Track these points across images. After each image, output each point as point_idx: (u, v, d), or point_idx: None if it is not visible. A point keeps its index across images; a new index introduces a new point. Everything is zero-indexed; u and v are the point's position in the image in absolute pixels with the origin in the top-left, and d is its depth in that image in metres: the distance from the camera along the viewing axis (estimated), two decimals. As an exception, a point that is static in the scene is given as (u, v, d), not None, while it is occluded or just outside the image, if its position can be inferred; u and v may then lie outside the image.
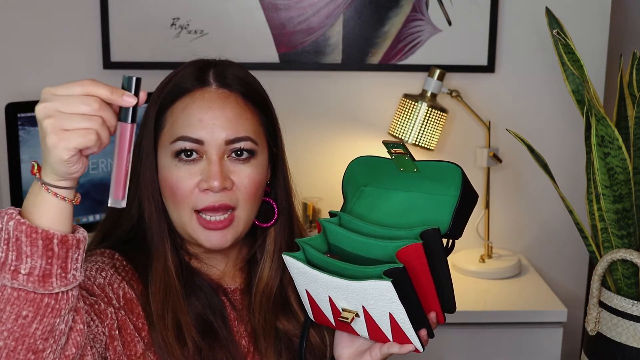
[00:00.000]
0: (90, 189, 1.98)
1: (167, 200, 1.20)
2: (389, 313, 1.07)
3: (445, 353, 2.08)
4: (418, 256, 1.07)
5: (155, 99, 1.21)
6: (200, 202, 1.17)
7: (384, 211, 1.19)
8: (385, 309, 1.07)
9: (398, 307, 1.05)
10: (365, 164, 1.22)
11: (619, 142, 1.49)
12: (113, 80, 2.52)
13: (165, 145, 1.19)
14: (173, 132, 1.18)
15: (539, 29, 2.24)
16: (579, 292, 2.46)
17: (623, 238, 1.54)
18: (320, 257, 1.12)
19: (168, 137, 1.18)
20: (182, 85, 1.20)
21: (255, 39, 2.27)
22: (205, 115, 1.17)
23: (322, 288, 1.11)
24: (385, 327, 1.10)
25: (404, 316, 1.06)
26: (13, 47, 2.24)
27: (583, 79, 1.56)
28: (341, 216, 1.17)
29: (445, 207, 1.13)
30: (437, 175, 1.14)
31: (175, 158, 1.17)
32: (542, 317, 2.08)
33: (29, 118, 1.87)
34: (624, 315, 1.50)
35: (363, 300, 1.08)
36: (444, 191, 1.14)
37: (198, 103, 1.18)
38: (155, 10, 2.24)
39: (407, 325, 1.08)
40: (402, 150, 1.13)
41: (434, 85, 2.21)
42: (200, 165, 1.17)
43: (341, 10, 2.27)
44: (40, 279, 0.92)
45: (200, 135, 1.16)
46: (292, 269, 1.13)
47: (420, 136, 2.20)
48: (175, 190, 1.18)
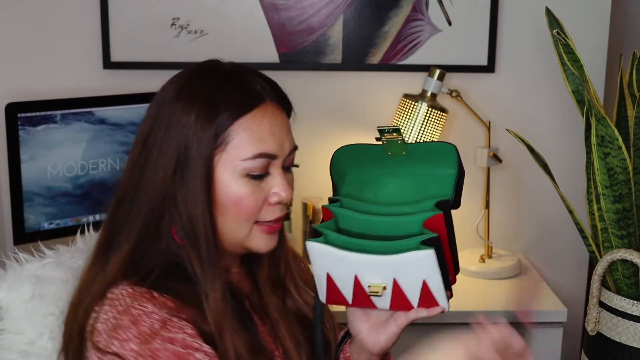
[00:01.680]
0: (90, 189, 1.98)
1: (225, 215, 1.18)
2: (423, 280, 1.13)
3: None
4: (440, 225, 1.15)
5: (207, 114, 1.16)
6: (269, 215, 1.20)
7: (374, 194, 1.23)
8: (419, 278, 1.13)
9: (435, 273, 1.13)
10: (347, 151, 1.25)
11: (619, 142, 1.49)
12: (113, 80, 2.54)
13: (231, 161, 1.16)
14: (245, 149, 1.16)
15: (539, 29, 2.24)
16: (579, 292, 2.46)
17: (623, 238, 1.54)
18: (342, 239, 1.16)
19: (236, 153, 1.16)
20: (243, 101, 1.18)
21: (255, 39, 2.27)
22: (274, 129, 1.18)
23: (349, 268, 1.15)
24: (413, 295, 1.16)
25: (439, 281, 1.14)
26: (13, 47, 2.24)
27: (583, 79, 1.56)
28: (342, 200, 1.21)
29: (445, 182, 1.19)
30: (429, 155, 1.20)
31: (245, 175, 1.16)
32: (542, 317, 2.07)
33: (29, 118, 1.88)
34: (624, 315, 1.50)
35: (396, 272, 1.14)
36: (440, 169, 1.20)
37: (267, 118, 1.18)
38: (155, 10, 2.24)
39: (439, 289, 1.15)
40: (396, 134, 1.19)
41: (434, 85, 2.21)
42: (267, 180, 1.19)
43: (341, 10, 2.27)
44: None
45: (275, 150, 1.18)
46: (316, 254, 1.17)
47: (420, 136, 2.20)
48: (242, 206, 1.17)
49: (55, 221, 1.95)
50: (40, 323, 1.27)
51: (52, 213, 1.93)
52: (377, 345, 1.22)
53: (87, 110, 1.96)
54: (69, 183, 1.95)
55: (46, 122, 1.90)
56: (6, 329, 1.27)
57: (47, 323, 1.27)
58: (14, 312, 1.27)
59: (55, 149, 1.92)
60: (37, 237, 1.85)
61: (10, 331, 1.27)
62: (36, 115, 1.88)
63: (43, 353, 1.26)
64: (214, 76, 1.20)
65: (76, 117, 1.94)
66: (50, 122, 1.90)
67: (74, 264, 1.33)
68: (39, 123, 1.89)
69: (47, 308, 1.27)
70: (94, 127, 1.97)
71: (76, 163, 1.96)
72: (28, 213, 1.90)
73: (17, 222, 1.89)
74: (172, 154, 1.15)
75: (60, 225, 1.95)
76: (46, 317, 1.27)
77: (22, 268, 1.31)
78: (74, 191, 1.96)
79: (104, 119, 1.98)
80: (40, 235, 1.87)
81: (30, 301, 1.27)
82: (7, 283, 1.28)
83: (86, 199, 1.98)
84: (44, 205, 1.92)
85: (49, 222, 1.94)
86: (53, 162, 1.92)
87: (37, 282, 1.28)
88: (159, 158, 1.16)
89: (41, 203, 1.91)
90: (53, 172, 1.92)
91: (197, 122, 1.15)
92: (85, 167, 1.97)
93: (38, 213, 1.91)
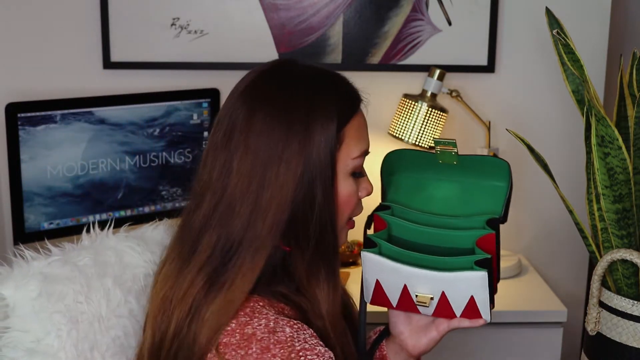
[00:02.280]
0: (90, 189, 1.98)
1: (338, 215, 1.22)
2: (471, 296, 1.18)
3: (445, 353, 2.07)
4: (491, 245, 1.20)
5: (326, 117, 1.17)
6: (359, 209, 1.26)
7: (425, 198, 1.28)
8: (468, 293, 1.17)
9: (484, 292, 1.17)
10: (399, 154, 1.30)
11: (619, 142, 1.49)
12: (113, 80, 2.53)
13: (344, 160, 1.20)
14: (355, 147, 1.21)
15: (539, 29, 2.24)
16: (579, 292, 2.46)
17: (623, 238, 1.54)
18: (396, 250, 1.21)
19: (347, 152, 1.20)
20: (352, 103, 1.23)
21: (255, 39, 2.27)
22: (366, 127, 1.25)
23: (399, 278, 1.20)
24: (458, 307, 1.20)
25: (487, 298, 1.18)
26: (13, 47, 2.24)
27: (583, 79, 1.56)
28: (394, 208, 1.26)
29: (497, 197, 1.24)
30: (480, 166, 1.24)
31: (350, 172, 1.21)
32: (542, 317, 2.08)
33: (29, 118, 1.88)
34: (624, 315, 1.50)
35: (446, 287, 1.18)
36: (491, 181, 1.24)
37: (364, 117, 1.25)
38: (155, 10, 2.24)
39: (485, 305, 1.19)
40: (452, 146, 1.22)
41: (434, 85, 2.21)
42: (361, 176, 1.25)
43: (341, 10, 2.27)
44: None
45: (369, 147, 1.25)
46: (369, 262, 1.22)
47: (420, 136, 2.20)
48: (350, 203, 1.22)
49: (55, 221, 1.95)
50: (47, 321, 1.26)
51: (52, 213, 1.93)
52: (417, 348, 1.27)
53: (87, 110, 1.96)
54: (69, 183, 1.95)
55: (46, 122, 1.90)
56: (12, 327, 1.26)
57: (54, 321, 1.27)
58: (20, 310, 1.26)
59: (55, 149, 1.92)
60: (37, 237, 1.85)
61: (16, 329, 1.26)
62: (36, 115, 1.88)
63: (49, 351, 1.26)
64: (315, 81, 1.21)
65: (76, 117, 1.94)
66: (50, 122, 1.90)
67: (80, 262, 1.33)
68: (39, 123, 1.89)
69: (54, 306, 1.27)
70: (94, 127, 1.97)
71: (76, 163, 1.96)
72: (28, 213, 1.90)
73: (17, 222, 1.89)
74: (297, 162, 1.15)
75: (60, 225, 1.95)
76: (52, 315, 1.27)
77: (29, 266, 1.30)
78: (74, 191, 1.96)
79: (104, 119, 1.98)
80: (40, 235, 1.87)
81: (37, 299, 1.26)
82: (13, 281, 1.27)
83: (86, 199, 1.98)
84: (44, 205, 1.92)
85: (49, 222, 1.94)
86: (53, 162, 1.92)
87: (43, 279, 1.27)
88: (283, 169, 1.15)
89: (41, 203, 1.92)
90: (53, 172, 1.92)
91: (319, 129, 1.16)
92: (85, 167, 1.97)
93: (38, 213, 1.91)
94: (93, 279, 1.30)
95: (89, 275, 1.31)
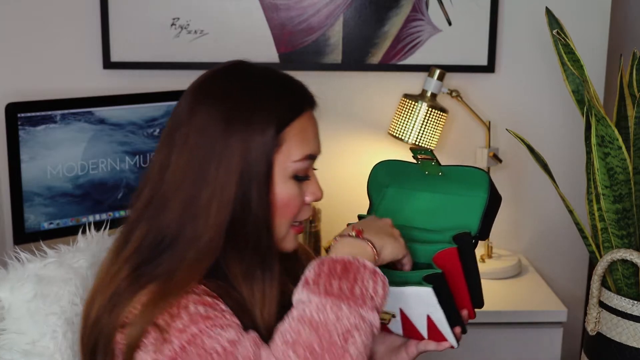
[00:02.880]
0: (90, 189, 1.98)
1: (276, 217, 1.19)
2: (427, 315, 1.13)
3: (445, 353, 2.07)
4: (453, 259, 1.14)
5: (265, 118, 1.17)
6: (304, 214, 1.24)
7: (410, 211, 1.24)
8: (423, 312, 1.13)
9: (437, 310, 1.12)
10: (388, 166, 1.27)
11: (619, 142, 1.49)
12: (113, 80, 2.53)
13: (284, 162, 1.18)
14: (296, 150, 1.19)
15: (539, 29, 2.24)
16: (579, 292, 2.46)
17: (623, 238, 1.54)
18: None
19: (287, 155, 1.18)
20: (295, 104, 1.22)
21: (255, 39, 2.27)
22: (316, 131, 1.24)
23: None
24: (421, 327, 1.16)
25: (442, 318, 1.13)
26: (13, 47, 2.24)
27: (583, 79, 1.56)
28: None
29: (474, 210, 1.18)
30: (463, 178, 1.19)
31: (293, 177, 1.19)
32: (542, 317, 2.08)
33: (29, 118, 1.87)
34: (624, 315, 1.50)
35: (401, 303, 1.14)
36: (471, 193, 1.19)
37: (312, 120, 1.24)
38: (155, 10, 2.24)
39: (444, 326, 1.14)
40: (429, 156, 1.18)
41: (434, 85, 2.21)
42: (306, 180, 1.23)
43: (341, 10, 2.27)
44: None
45: (317, 151, 1.24)
46: None
47: (420, 136, 2.20)
48: (290, 207, 1.20)
49: (55, 221, 1.94)
50: (42, 323, 1.26)
51: (52, 213, 1.93)
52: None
53: (87, 110, 1.96)
54: (69, 183, 1.95)
55: (46, 122, 1.90)
56: (8, 328, 1.27)
57: (49, 323, 1.27)
58: (16, 312, 1.27)
59: (55, 149, 1.92)
60: (37, 237, 1.85)
61: (12, 331, 1.26)
62: (36, 115, 1.88)
63: (45, 353, 1.26)
64: (259, 81, 1.21)
65: (76, 117, 1.94)
66: (50, 122, 1.90)
67: (76, 264, 1.33)
68: (39, 123, 1.89)
69: (49, 308, 1.27)
70: (94, 127, 1.97)
71: (76, 163, 1.95)
72: (28, 213, 1.90)
73: (17, 222, 1.89)
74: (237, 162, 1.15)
75: (60, 225, 1.95)
76: (48, 317, 1.27)
77: (24, 268, 1.31)
78: (74, 191, 1.96)
79: (104, 119, 1.98)
80: (40, 235, 1.87)
81: (32, 301, 1.26)
82: (8, 283, 1.28)
83: (86, 199, 1.98)
84: (44, 205, 1.92)
85: (49, 222, 1.94)
86: (53, 162, 1.92)
87: (38, 281, 1.28)
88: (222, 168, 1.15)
89: (41, 203, 1.91)
90: (53, 172, 1.92)
91: (257, 129, 1.16)
92: (85, 167, 1.97)
93: (38, 213, 1.91)
94: (88, 280, 1.30)
95: (84, 276, 1.31)
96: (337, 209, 2.29)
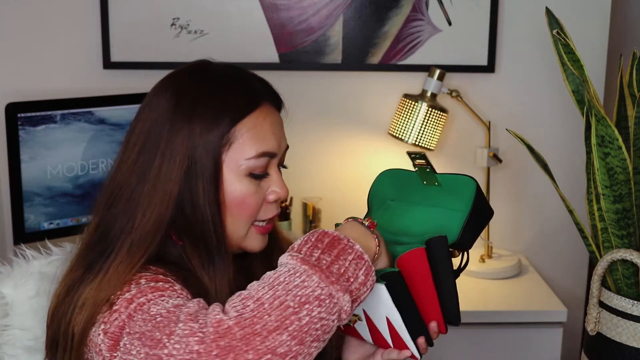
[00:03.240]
0: (90, 189, 1.98)
1: (228, 214, 1.18)
2: (386, 317, 1.08)
3: (445, 353, 2.07)
4: (420, 262, 1.09)
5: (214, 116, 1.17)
6: (267, 213, 1.21)
7: (403, 224, 1.21)
8: (382, 313, 1.08)
9: (393, 311, 1.07)
10: (393, 176, 1.24)
11: (619, 142, 1.49)
12: (113, 80, 2.52)
13: (235, 160, 1.17)
14: (248, 148, 1.17)
15: (539, 29, 2.24)
16: (579, 292, 2.46)
17: (623, 238, 1.54)
18: None
19: (239, 152, 1.17)
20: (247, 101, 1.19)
21: (255, 39, 2.27)
22: (274, 128, 1.20)
23: None
24: (384, 332, 1.11)
25: (399, 321, 1.08)
26: (13, 47, 2.24)
27: (583, 79, 1.56)
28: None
29: (457, 218, 1.15)
30: (452, 187, 1.16)
31: (248, 175, 1.18)
32: (542, 317, 2.08)
33: (29, 118, 1.88)
34: (624, 315, 1.50)
35: (363, 303, 1.09)
36: (458, 204, 1.16)
37: (268, 118, 1.20)
38: (155, 10, 2.24)
39: (403, 331, 1.09)
40: (423, 161, 1.15)
41: (434, 85, 2.21)
42: (266, 178, 1.20)
43: (341, 10, 2.27)
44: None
45: (275, 149, 1.19)
46: None
47: (420, 136, 2.20)
48: (244, 205, 1.18)
49: (55, 221, 1.94)
50: (45, 320, 1.27)
51: (52, 213, 1.93)
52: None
53: (87, 110, 1.96)
54: (69, 183, 1.95)
55: (46, 122, 1.90)
56: (11, 324, 1.28)
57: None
58: (19, 309, 1.28)
59: (55, 149, 1.92)
60: (37, 237, 1.85)
61: (16, 327, 1.28)
62: (36, 115, 1.88)
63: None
64: (212, 78, 1.20)
65: (76, 117, 1.94)
66: (50, 122, 1.90)
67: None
68: (39, 123, 1.89)
69: (51, 304, 1.28)
70: (94, 127, 1.97)
71: (76, 163, 1.96)
72: (28, 213, 1.90)
73: (17, 222, 1.89)
74: (181, 159, 1.15)
75: (60, 225, 1.95)
76: (50, 314, 1.28)
77: (28, 265, 1.32)
78: (74, 191, 1.96)
79: (104, 119, 1.98)
80: (40, 235, 1.87)
81: (35, 298, 1.28)
82: (12, 280, 1.29)
83: (86, 199, 1.98)
84: (44, 205, 1.92)
85: (49, 222, 1.94)
86: (53, 162, 1.92)
87: (42, 279, 1.28)
88: (165, 164, 1.15)
89: (41, 203, 1.92)
90: (53, 172, 1.92)
91: (203, 125, 1.16)
92: (85, 167, 1.97)
93: (38, 213, 1.91)
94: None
95: None
96: (337, 209, 2.29)
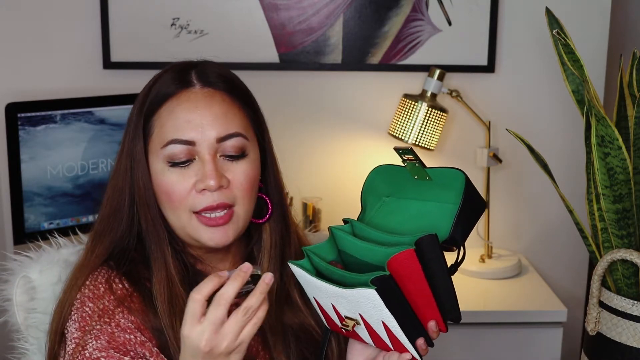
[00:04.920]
0: (90, 189, 1.98)
1: (164, 206, 1.19)
2: (382, 321, 1.07)
3: (445, 353, 2.07)
4: (411, 263, 1.06)
5: (140, 106, 1.21)
6: (198, 203, 1.17)
7: (399, 220, 1.18)
8: (378, 317, 1.06)
9: (387, 315, 1.05)
10: (386, 172, 1.20)
11: (619, 142, 1.49)
12: (113, 80, 2.52)
13: (156, 150, 1.18)
14: (162, 136, 1.17)
15: (539, 29, 2.24)
16: (579, 292, 2.46)
17: (623, 238, 1.54)
18: (323, 265, 1.11)
19: (158, 142, 1.18)
20: (165, 89, 1.20)
21: (255, 39, 2.27)
22: (192, 115, 1.17)
23: (326, 296, 1.10)
24: (383, 335, 1.10)
25: (395, 324, 1.06)
26: (13, 47, 2.24)
27: (583, 79, 1.56)
28: (353, 224, 1.16)
29: (448, 213, 1.12)
30: (442, 181, 1.13)
31: (167, 163, 1.17)
32: (542, 317, 2.08)
33: (29, 118, 1.87)
34: (624, 315, 1.50)
35: (358, 308, 1.07)
36: (448, 197, 1.13)
37: (184, 105, 1.18)
38: (155, 10, 2.24)
39: (400, 334, 1.07)
40: (411, 156, 1.12)
41: (434, 85, 2.21)
42: (194, 167, 1.17)
43: (341, 10, 2.27)
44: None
45: (191, 137, 1.16)
46: (298, 277, 1.12)
47: (420, 136, 2.20)
48: (171, 195, 1.17)
49: (55, 221, 1.94)
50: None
51: (52, 213, 1.93)
52: None
53: (87, 110, 1.96)
54: (69, 183, 1.95)
55: (46, 122, 1.90)
56: (36, 308, 1.32)
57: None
58: (43, 294, 1.32)
59: (55, 149, 1.92)
60: (37, 237, 1.85)
61: (39, 311, 1.31)
62: (36, 115, 1.88)
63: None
64: (155, 75, 1.24)
65: (76, 117, 1.94)
66: (50, 122, 1.90)
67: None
68: (39, 123, 1.89)
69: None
70: (94, 127, 1.97)
71: (76, 163, 1.96)
72: (28, 213, 1.90)
73: (17, 222, 1.89)
74: (126, 156, 1.21)
75: (60, 225, 1.95)
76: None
77: (57, 252, 1.36)
78: (74, 191, 1.96)
79: (104, 119, 1.98)
80: (40, 235, 1.87)
81: (57, 284, 1.31)
82: (39, 265, 1.33)
83: (86, 199, 1.98)
84: (44, 205, 1.92)
85: (49, 222, 1.94)
86: (53, 162, 1.92)
87: (66, 267, 1.31)
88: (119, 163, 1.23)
89: (41, 203, 1.92)
90: (53, 172, 1.92)
91: (134, 123, 1.21)
92: (85, 167, 1.97)
93: (38, 213, 1.91)
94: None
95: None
96: (337, 209, 2.29)
